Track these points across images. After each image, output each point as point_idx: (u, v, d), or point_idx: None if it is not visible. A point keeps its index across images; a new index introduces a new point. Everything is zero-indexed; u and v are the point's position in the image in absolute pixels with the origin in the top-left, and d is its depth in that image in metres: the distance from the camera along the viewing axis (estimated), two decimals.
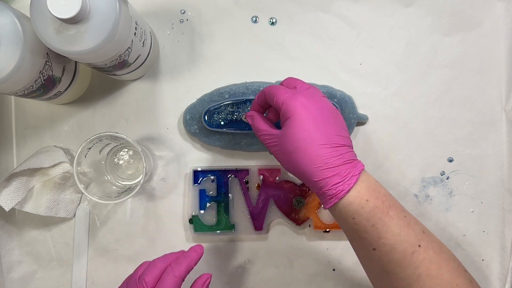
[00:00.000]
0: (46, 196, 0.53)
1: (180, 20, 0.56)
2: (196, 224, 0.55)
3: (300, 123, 0.40)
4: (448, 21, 0.56)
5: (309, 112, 0.40)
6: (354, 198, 0.39)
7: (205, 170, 0.55)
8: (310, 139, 0.39)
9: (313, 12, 0.56)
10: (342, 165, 0.39)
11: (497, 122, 0.56)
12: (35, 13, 0.40)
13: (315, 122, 0.40)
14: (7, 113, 0.56)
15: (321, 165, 0.39)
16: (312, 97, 0.41)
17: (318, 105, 0.41)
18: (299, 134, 0.40)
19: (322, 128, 0.40)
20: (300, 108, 0.40)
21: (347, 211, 0.39)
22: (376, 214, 0.38)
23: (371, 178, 0.40)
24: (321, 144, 0.39)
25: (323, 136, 0.39)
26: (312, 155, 0.39)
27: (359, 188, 0.39)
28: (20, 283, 0.56)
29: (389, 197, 0.40)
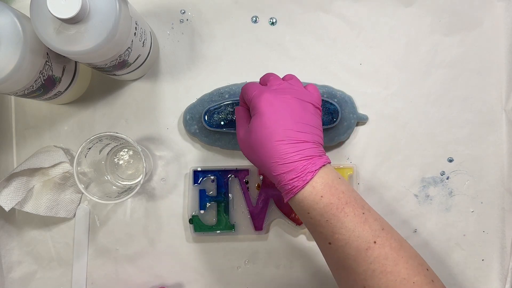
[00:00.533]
0: (46, 196, 0.53)
1: (180, 20, 0.56)
2: (196, 224, 0.55)
3: (261, 119, 0.41)
4: (448, 21, 0.56)
5: (272, 108, 0.41)
6: (309, 194, 0.40)
7: (205, 170, 0.55)
8: (269, 135, 0.41)
9: (313, 12, 0.56)
10: (299, 161, 0.40)
11: (497, 122, 0.56)
12: (35, 13, 0.40)
13: (276, 118, 0.41)
14: (7, 113, 0.56)
15: (278, 161, 0.40)
16: (280, 93, 0.43)
17: (284, 101, 0.42)
18: (260, 131, 0.41)
19: (282, 125, 0.41)
20: (264, 105, 0.42)
21: (302, 206, 0.41)
22: (330, 210, 0.39)
23: (331, 174, 0.41)
24: (278, 141, 0.40)
25: (282, 133, 0.40)
26: (270, 151, 0.41)
27: (314, 184, 0.40)
28: (20, 283, 0.56)
29: (347, 194, 0.40)
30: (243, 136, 0.44)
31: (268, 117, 0.41)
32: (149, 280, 0.56)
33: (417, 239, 0.56)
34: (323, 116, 0.54)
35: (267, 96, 0.42)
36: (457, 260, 0.56)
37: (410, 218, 0.56)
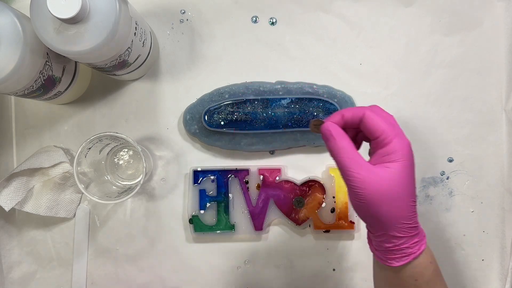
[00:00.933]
0: (46, 196, 0.53)
1: (180, 20, 0.56)
2: (196, 224, 0.55)
3: (408, 171, 0.37)
4: (448, 21, 0.56)
5: (412, 163, 0.37)
6: (423, 260, 0.38)
7: (205, 170, 0.55)
8: (408, 191, 0.37)
9: (313, 12, 0.56)
10: (418, 225, 0.38)
11: (497, 122, 0.56)
12: (35, 13, 0.40)
13: (413, 175, 0.37)
14: (7, 113, 0.56)
15: (409, 222, 0.37)
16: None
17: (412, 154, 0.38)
18: (401, 183, 0.36)
19: (414, 183, 0.38)
20: (410, 155, 0.37)
21: (413, 272, 0.38)
22: (437, 277, 0.39)
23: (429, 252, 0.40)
24: (413, 201, 0.37)
25: (414, 192, 0.37)
26: (403, 209, 0.36)
27: (427, 250, 0.39)
28: (20, 283, 0.56)
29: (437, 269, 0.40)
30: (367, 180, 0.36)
31: (410, 172, 0.37)
32: (149, 280, 0.56)
33: None
34: (323, 116, 0.54)
35: (409, 144, 0.37)
36: (457, 260, 0.56)
37: None
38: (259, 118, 0.53)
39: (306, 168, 0.56)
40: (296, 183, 0.55)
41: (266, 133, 0.54)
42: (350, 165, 0.37)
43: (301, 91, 0.54)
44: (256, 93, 0.54)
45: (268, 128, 0.53)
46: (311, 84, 0.55)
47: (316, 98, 0.53)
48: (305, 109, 0.53)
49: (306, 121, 0.53)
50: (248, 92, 0.54)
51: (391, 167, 0.36)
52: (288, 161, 0.56)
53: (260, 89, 0.54)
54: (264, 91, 0.54)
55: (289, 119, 0.53)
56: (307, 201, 0.55)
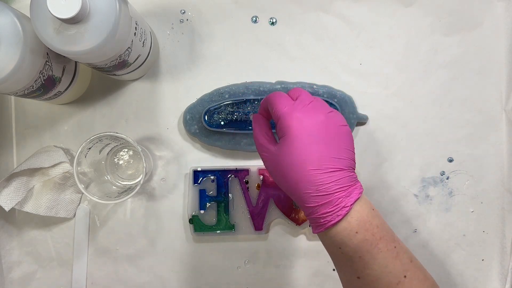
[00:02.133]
0: (46, 196, 0.53)
1: (180, 20, 0.56)
2: (196, 224, 0.55)
3: (293, 143, 0.37)
4: (448, 21, 0.56)
5: (305, 130, 0.37)
6: (343, 229, 0.37)
7: (205, 170, 0.55)
8: (302, 162, 0.37)
9: (313, 12, 0.56)
10: (334, 192, 0.37)
11: (497, 122, 0.56)
12: (35, 13, 0.40)
13: (310, 142, 0.37)
14: (7, 113, 0.56)
15: (311, 191, 0.37)
16: (313, 112, 0.39)
17: (318, 122, 0.38)
18: (292, 156, 0.37)
19: (317, 150, 0.37)
20: (296, 125, 0.38)
21: (333, 241, 0.38)
22: (364, 247, 0.37)
23: (365, 207, 0.38)
24: (313, 169, 0.37)
25: (317, 160, 0.37)
26: (303, 180, 0.37)
27: (349, 219, 0.37)
28: (20, 283, 0.56)
29: (381, 228, 0.38)
30: (270, 157, 0.40)
31: (301, 141, 0.37)
32: (149, 280, 0.56)
33: (417, 239, 0.56)
34: None
35: (300, 116, 0.38)
36: (457, 260, 0.56)
37: (410, 218, 0.56)
38: None
39: None
40: None
41: None
42: (259, 148, 0.41)
43: None
44: (256, 93, 0.54)
45: None
46: (311, 84, 0.55)
47: None
48: None
49: None
50: (248, 92, 0.54)
51: (281, 142, 0.39)
52: None
53: (260, 89, 0.54)
54: (264, 91, 0.54)
55: None
56: None
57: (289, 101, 0.40)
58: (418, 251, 0.56)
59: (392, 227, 0.55)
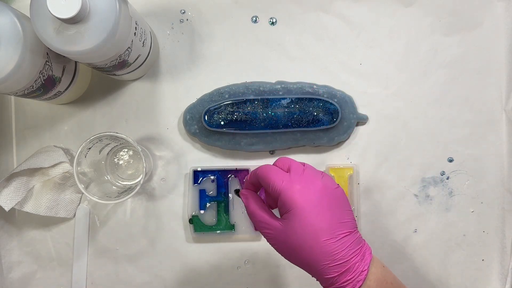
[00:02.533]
0: (46, 196, 0.53)
1: (180, 20, 0.56)
2: (196, 224, 0.55)
3: (302, 217, 0.37)
4: (448, 21, 0.56)
5: (310, 201, 0.37)
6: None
7: (205, 170, 0.55)
8: (315, 234, 0.37)
9: (313, 12, 0.56)
10: (350, 258, 0.37)
11: (497, 122, 0.56)
12: (35, 13, 0.40)
13: (318, 213, 0.37)
14: (7, 113, 0.56)
15: (328, 262, 0.37)
16: (310, 181, 0.39)
17: (318, 191, 0.38)
18: (303, 230, 0.37)
19: (325, 220, 0.37)
20: (300, 199, 0.37)
21: None
22: None
23: (378, 265, 0.38)
24: (326, 240, 0.37)
25: (328, 229, 0.37)
26: (318, 252, 0.37)
27: (369, 283, 0.37)
28: (20, 283, 0.56)
29: (394, 283, 0.39)
30: (276, 233, 0.39)
31: (309, 213, 0.37)
32: (149, 280, 0.56)
33: (417, 239, 0.56)
34: (323, 116, 0.54)
35: (300, 188, 0.38)
36: (457, 260, 0.56)
37: (410, 218, 0.56)
38: (259, 118, 0.53)
39: None
40: None
41: (266, 133, 0.54)
42: (260, 225, 0.40)
43: (301, 91, 0.54)
44: (256, 93, 0.54)
45: (268, 128, 0.53)
46: (311, 84, 0.55)
47: (316, 98, 0.53)
48: (305, 109, 0.53)
49: (306, 121, 0.53)
50: (248, 92, 0.54)
51: (287, 218, 0.38)
52: None
53: (260, 89, 0.54)
54: (264, 91, 0.54)
55: (289, 119, 0.53)
56: None
57: (283, 174, 0.39)
58: (418, 251, 0.56)
59: (392, 227, 0.56)
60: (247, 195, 0.42)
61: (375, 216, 0.56)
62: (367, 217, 0.56)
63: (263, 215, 0.40)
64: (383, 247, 0.56)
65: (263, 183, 0.40)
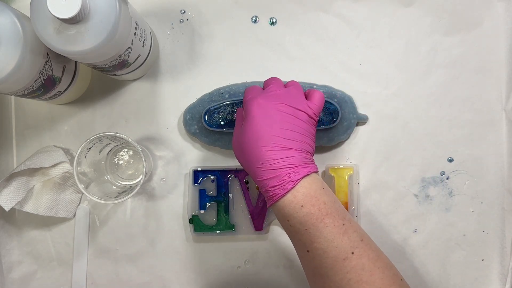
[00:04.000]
0: (46, 196, 0.53)
1: (180, 20, 0.56)
2: (196, 224, 0.55)
3: (250, 123, 0.42)
4: (448, 21, 0.56)
5: (263, 113, 0.42)
6: (289, 202, 0.40)
7: (205, 170, 0.55)
8: (256, 139, 0.41)
9: (313, 12, 0.56)
10: (282, 168, 0.40)
11: (497, 122, 0.56)
12: (35, 13, 0.40)
13: (264, 124, 0.41)
14: (7, 113, 0.56)
15: (261, 166, 0.41)
16: (274, 99, 0.43)
17: (276, 108, 0.42)
18: (248, 135, 0.42)
19: (269, 131, 0.41)
20: (255, 109, 0.42)
21: (282, 213, 0.41)
22: (310, 220, 0.40)
23: (314, 184, 0.41)
24: (264, 146, 0.41)
25: (268, 138, 0.41)
26: (255, 155, 0.41)
27: (295, 193, 0.40)
28: (20, 283, 0.56)
29: (329, 205, 0.40)
30: (235, 137, 0.45)
31: (257, 122, 0.42)
32: (149, 280, 0.56)
33: (417, 239, 0.56)
34: (324, 116, 0.54)
35: (260, 101, 0.42)
36: (457, 260, 0.56)
37: (410, 218, 0.56)
38: None
39: None
40: None
41: None
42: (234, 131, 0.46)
43: None
44: None
45: None
46: (311, 84, 0.55)
47: None
48: None
49: None
50: None
51: (243, 124, 0.43)
52: None
53: None
54: None
55: None
56: None
57: (257, 91, 0.45)
58: (418, 251, 0.56)
59: (392, 227, 0.56)
60: (238, 111, 0.48)
61: (375, 216, 0.56)
62: (367, 217, 0.56)
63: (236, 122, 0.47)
64: (383, 247, 0.55)
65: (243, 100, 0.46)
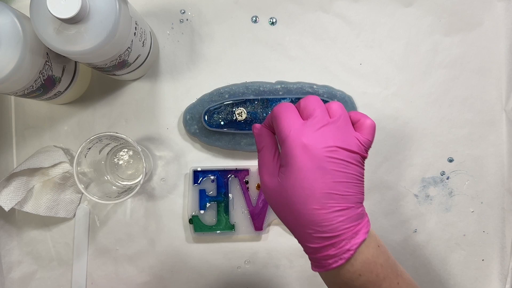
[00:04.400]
0: (46, 196, 0.53)
1: (180, 20, 0.56)
2: (196, 224, 0.55)
3: (297, 176, 0.34)
4: (448, 21, 0.56)
5: (311, 163, 0.33)
6: (346, 272, 0.34)
7: (205, 170, 0.55)
8: (305, 198, 0.33)
9: (313, 12, 0.56)
10: (339, 234, 0.33)
11: (497, 122, 0.56)
12: (35, 13, 0.40)
13: (314, 179, 0.33)
14: (7, 113, 0.56)
15: (313, 232, 0.34)
16: (323, 140, 0.34)
17: (328, 154, 0.34)
18: (294, 190, 0.34)
19: (322, 187, 0.33)
20: (302, 156, 0.34)
21: (334, 281, 0.36)
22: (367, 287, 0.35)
23: (371, 245, 0.35)
24: (316, 208, 0.33)
25: (320, 198, 0.33)
26: (304, 217, 0.34)
27: (353, 262, 0.34)
28: (20, 283, 0.56)
29: (385, 266, 0.35)
30: (272, 184, 0.36)
31: (304, 175, 0.33)
32: (149, 280, 0.56)
33: (417, 239, 0.56)
34: None
35: (305, 143, 0.34)
36: (457, 260, 0.56)
37: (410, 218, 0.56)
38: (259, 118, 0.53)
39: None
40: None
41: None
42: (260, 171, 0.37)
43: (301, 91, 0.54)
44: (256, 93, 0.54)
45: None
46: (311, 84, 0.55)
47: None
48: None
49: None
50: (248, 92, 0.54)
51: (284, 172, 0.35)
52: None
53: (260, 89, 0.54)
54: (264, 91, 0.54)
55: None
56: None
57: (296, 121, 0.35)
58: (418, 251, 0.56)
59: (392, 227, 0.56)
60: (260, 132, 0.38)
61: (375, 216, 0.56)
62: None
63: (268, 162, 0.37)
64: None
65: (274, 123, 0.36)
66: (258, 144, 0.39)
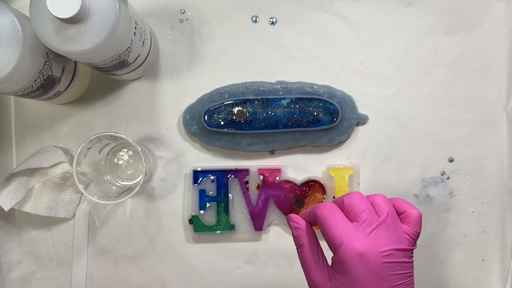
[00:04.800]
0: (45, 196, 0.53)
1: (180, 20, 0.56)
2: (196, 224, 0.55)
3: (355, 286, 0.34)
4: (448, 21, 0.56)
5: (368, 271, 0.34)
6: None
7: (205, 170, 0.55)
8: None
9: (313, 12, 0.56)
10: None
11: (497, 122, 0.56)
12: (35, 13, 0.40)
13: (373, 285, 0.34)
14: (7, 113, 0.56)
15: None
16: (376, 244, 0.34)
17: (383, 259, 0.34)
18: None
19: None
20: (358, 265, 0.34)
21: None
22: None
23: None
24: None
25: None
26: None
27: None
28: (20, 283, 0.56)
29: None
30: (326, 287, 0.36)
31: (364, 284, 0.34)
32: (149, 280, 0.56)
33: (417, 239, 0.56)
34: (323, 116, 0.54)
35: (359, 250, 0.34)
36: (457, 260, 0.56)
37: None
38: (259, 118, 0.53)
39: (306, 168, 0.56)
40: (296, 183, 0.55)
41: (266, 133, 0.54)
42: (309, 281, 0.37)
43: (301, 91, 0.54)
44: (256, 93, 0.54)
45: (268, 128, 0.53)
46: (311, 84, 0.55)
47: (316, 98, 0.53)
48: (305, 109, 0.53)
49: (306, 121, 0.53)
50: (248, 92, 0.54)
51: (338, 278, 0.35)
52: (288, 161, 0.56)
53: (260, 89, 0.54)
54: (264, 91, 0.54)
55: (289, 119, 0.53)
56: (307, 201, 0.55)
57: (347, 225, 0.35)
58: (418, 251, 0.56)
59: None
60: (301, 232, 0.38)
61: None
62: None
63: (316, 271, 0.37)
64: None
65: (321, 226, 0.36)
66: (297, 239, 0.38)
